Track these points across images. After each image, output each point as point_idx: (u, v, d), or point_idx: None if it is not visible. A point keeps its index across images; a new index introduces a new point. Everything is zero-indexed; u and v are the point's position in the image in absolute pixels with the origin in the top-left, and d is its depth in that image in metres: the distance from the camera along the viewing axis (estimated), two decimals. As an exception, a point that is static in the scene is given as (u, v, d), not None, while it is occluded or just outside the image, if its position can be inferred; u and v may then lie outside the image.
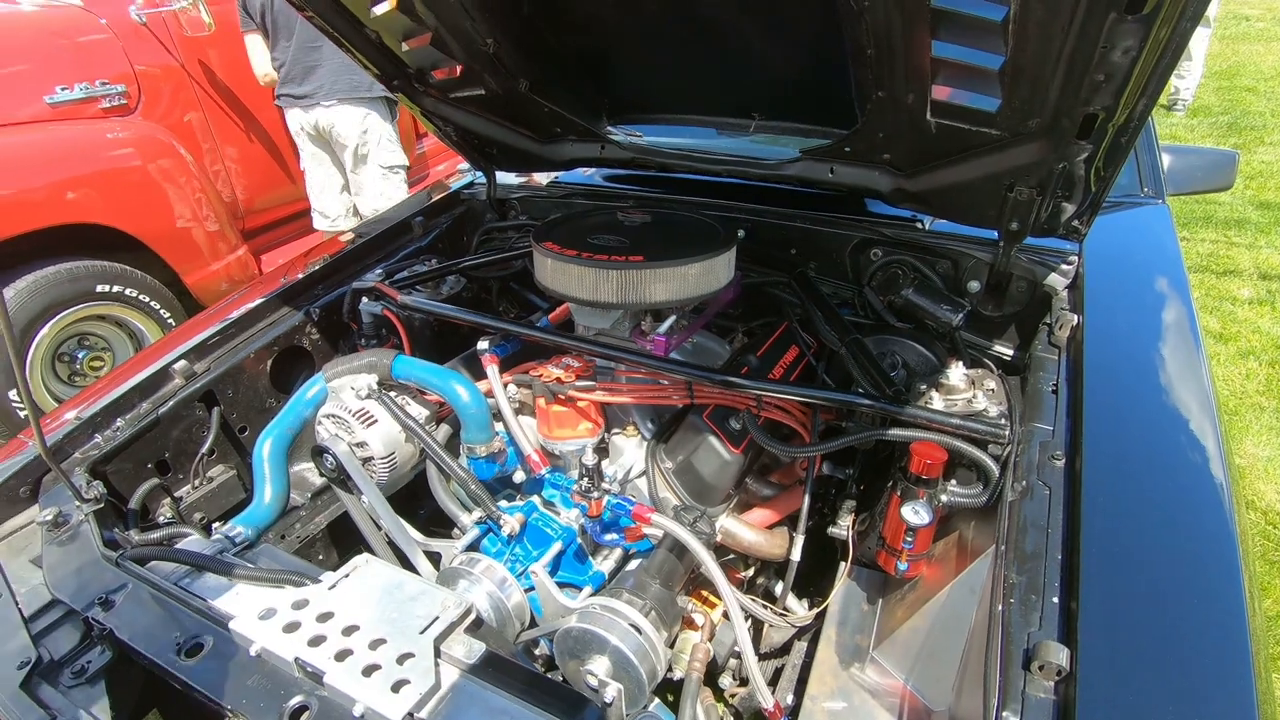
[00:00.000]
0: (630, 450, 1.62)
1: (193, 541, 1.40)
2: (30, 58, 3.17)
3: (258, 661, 1.07)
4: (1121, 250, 1.80)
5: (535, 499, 1.63)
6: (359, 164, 3.65)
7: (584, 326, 1.68)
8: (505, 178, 2.32)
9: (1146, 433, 1.30)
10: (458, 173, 2.60)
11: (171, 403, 1.66)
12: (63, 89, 3.19)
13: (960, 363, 1.46)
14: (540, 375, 1.59)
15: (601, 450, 1.64)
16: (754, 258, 1.83)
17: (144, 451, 1.62)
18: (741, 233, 1.64)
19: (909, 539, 1.28)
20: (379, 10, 1.60)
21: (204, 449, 1.71)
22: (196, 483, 1.72)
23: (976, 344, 1.71)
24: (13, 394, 3.11)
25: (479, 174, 2.33)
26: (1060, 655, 0.87)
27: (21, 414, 3.13)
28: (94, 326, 3.38)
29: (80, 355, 3.35)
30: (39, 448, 1.28)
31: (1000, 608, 0.97)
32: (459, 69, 1.78)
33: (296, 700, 1.02)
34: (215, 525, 1.54)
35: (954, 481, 1.34)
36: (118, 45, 3.37)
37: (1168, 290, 1.69)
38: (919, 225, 1.80)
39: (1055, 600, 0.96)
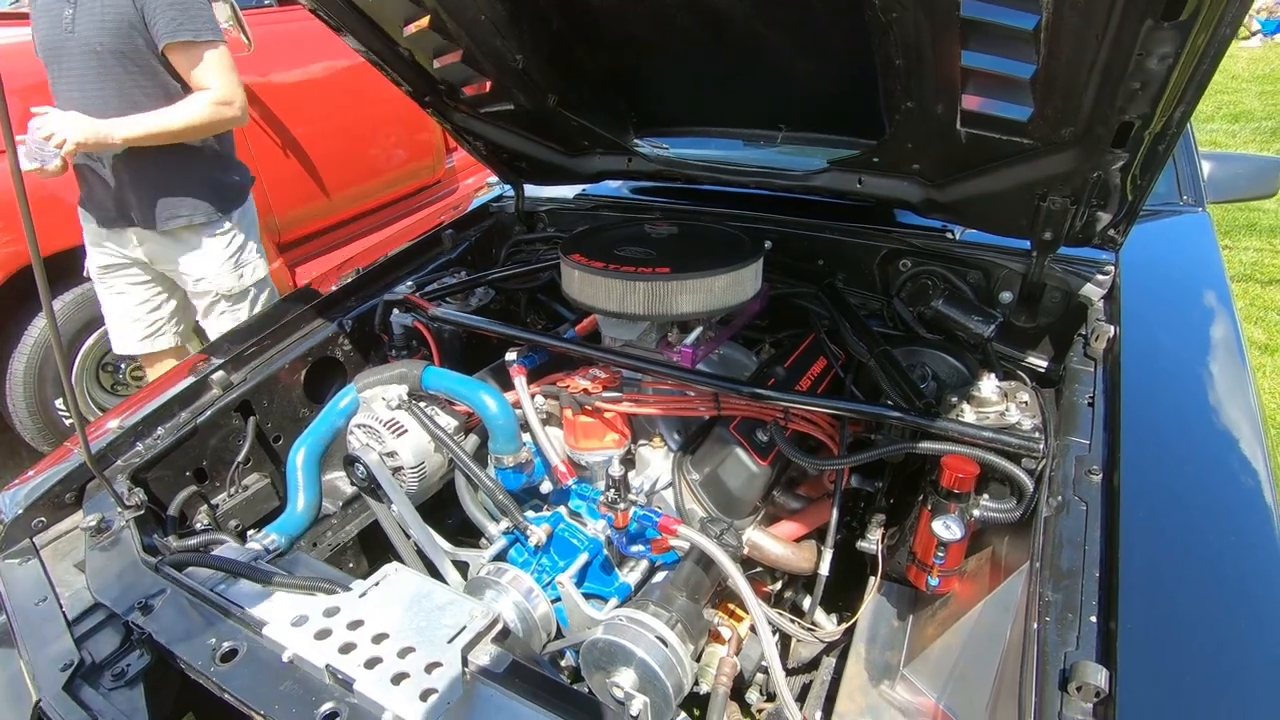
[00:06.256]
0: (657, 462, 1.62)
1: (228, 548, 1.43)
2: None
3: (290, 668, 1.09)
4: (1160, 260, 1.75)
5: (562, 510, 1.63)
6: None
7: (611, 338, 1.68)
8: (533, 190, 2.35)
9: (1188, 447, 1.26)
10: (486, 186, 2.64)
11: (209, 412, 1.70)
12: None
13: (993, 375, 1.43)
14: (567, 386, 1.60)
15: (628, 461, 1.64)
16: (781, 269, 1.82)
17: (183, 460, 1.66)
18: (768, 244, 1.63)
19: (940, 554, 1.26)
20: (411, 29, 1.64)
21: (240, 458, 1.75)
22: (232, 490, 1.75)
23: (1009, 356, 1.68)
24: (59, 403, 3.22)
25: (507, 188, 2.37)
26: (1099, 676, 0.84)
27: (67, 422, 3.23)
28: (136, 337, 3.48)
29: (122, 365, 3.45)
30: (84, 455, 1.32)
31: (1036, 626, 0.95)
32: (489, 85, 1.81)
33: (327, 707, 1.03)
34: (250, 532, 1.57)
35: (986, 496, 1.32)
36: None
37: (1210, 300, 1.64)
38: (949, 235, 1.78)
39: (1093, 619, 0.93)
